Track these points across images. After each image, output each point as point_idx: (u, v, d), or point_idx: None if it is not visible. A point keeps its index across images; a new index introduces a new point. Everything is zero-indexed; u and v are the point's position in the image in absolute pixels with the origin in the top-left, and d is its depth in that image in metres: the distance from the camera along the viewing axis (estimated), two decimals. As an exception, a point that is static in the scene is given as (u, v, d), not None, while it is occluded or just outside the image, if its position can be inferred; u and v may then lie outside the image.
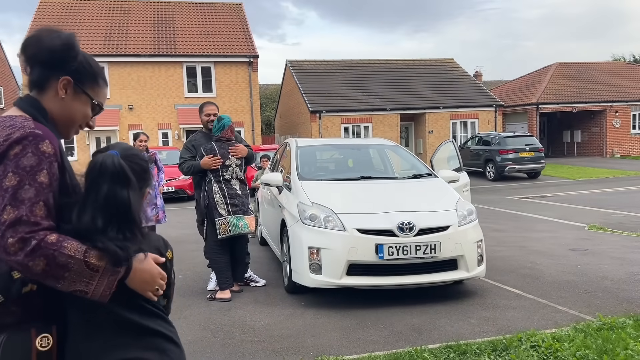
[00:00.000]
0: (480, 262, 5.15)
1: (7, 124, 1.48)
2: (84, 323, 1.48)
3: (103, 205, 1.43)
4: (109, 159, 1.47)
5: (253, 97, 23.85)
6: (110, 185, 1.44)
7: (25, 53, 1.62)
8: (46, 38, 1.64)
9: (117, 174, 1.46)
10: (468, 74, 29.14)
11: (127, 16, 24.61)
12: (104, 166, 1.46)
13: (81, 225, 1.41)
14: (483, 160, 19.81)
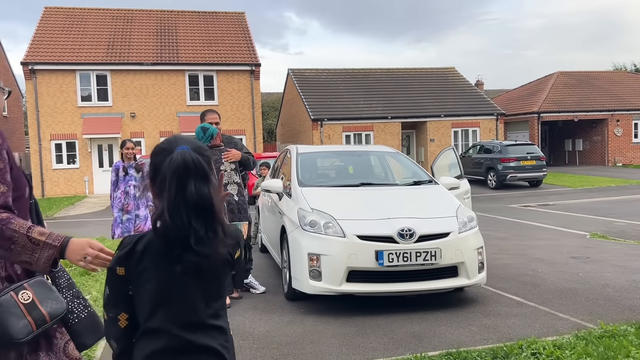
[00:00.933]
0: (481, 269, 5.12)
1: None
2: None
3: (195, 204, 1.42)
4: (187, 156, 1.44)
5: (255, 105, 23.91)
6: (196, 182, 1.43)
7: None
8: None
9: (199, 170, 1.44)
10: (469, 83, 29.20)
11: (130, 25, 24.76)
12: (187, 163, 1.43)
13: (175, 226, 1.41)
14: (484, 169, 19.79)
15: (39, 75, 21.51)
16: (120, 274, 1.52)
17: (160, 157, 1.49)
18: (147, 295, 1.48)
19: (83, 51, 22.48)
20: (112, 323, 1.55)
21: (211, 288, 1.53)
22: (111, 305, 1.55)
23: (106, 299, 1.56)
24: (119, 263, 1.52)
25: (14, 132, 28.42)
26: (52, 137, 21.73)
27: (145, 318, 1.50)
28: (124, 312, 1.53)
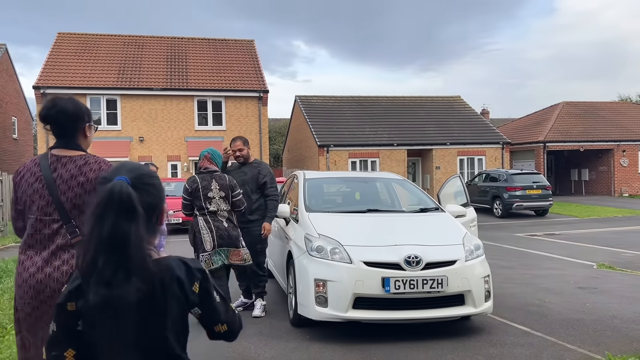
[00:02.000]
0: (488, 298, 5.11)
1: None
2: None
3: (106, 241, 1.34)
4: (117, 188, 1.36)
5: (262, 130, 24.14)
6: (116, 218, 1.34)
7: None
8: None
9: (123, 204, 1.35)
10: (475, 112, 29.41)
11: (141, 51, 25.23)
12: (112, 197, 1.35)
13: (84, 261, 1.36)
14: (490, 197, 19.77)
15: (51, 98, 21.87)
16: (71, 309, 1.44)
17: (100, 188, 1.43)
18: (97, 334, 1.43)
19: (94, 76, 22.88)
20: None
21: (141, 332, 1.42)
22: (55, 343, 1.45)
23: (50, 336, 1.46)
24: (69, 298, 1.44)
25: (23, 155, 28.73)
26: (61, 160, 21.95)
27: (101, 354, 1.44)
28: (71, 349, 1.45)
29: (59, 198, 2.40)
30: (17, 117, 27.85)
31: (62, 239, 2.39)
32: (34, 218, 2.43)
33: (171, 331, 1.46)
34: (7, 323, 5.58)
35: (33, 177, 2.46)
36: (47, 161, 2.46)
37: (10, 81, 26.98)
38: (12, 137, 27.05)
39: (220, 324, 1.55)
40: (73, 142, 2.51)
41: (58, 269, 2.35)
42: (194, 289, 1.49)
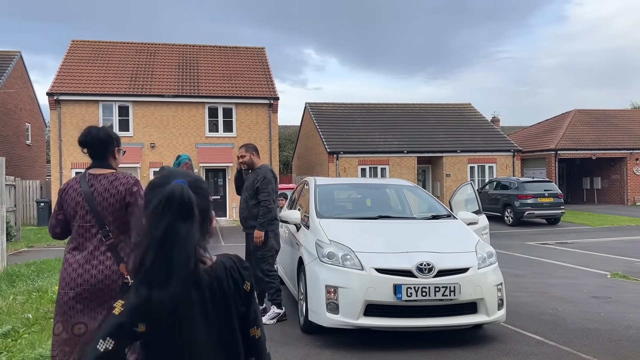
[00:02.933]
0: (501, 306, 5.05)
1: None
2: None
3: (160, 242, 1.34)
4: (178, 190, 1.37)
5: (272, 137, 24.20)
6: (173, 219, 1.34)
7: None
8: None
9: (182, 206, 1.36)
10: (486, 119, 29.29)
11: (153, 58, 25.45)
12: (172, 197, 1.36)
13: (136, 261, 1.36)
14: (501, 205, 19.64)
15: (64, 105, 22.11)
16: (141, 331, 1.40)
17: (153, 192, 1.43)
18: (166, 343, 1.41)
19: (107, 83, 23.10)
20: None
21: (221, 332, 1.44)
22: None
23: (98, 355, 1.35)
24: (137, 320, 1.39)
25: (36, 161, 29.03)
26: (73, 166, 22.14)
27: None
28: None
29: (96, 208, 3.03)
30: (30, 124, 28.17)
31: (97, 242, 3.02)
32: (77, 225, 3.07)
33: (237, 331, 1.49)
34: (20, 327, 5.62)
35: (75, 192, 3.10)
36: (85, 179, 3.11)
37: (25, 88, 27.32)
38: (26, 143, 27.35)
39: (257, 327, 1.55)
40: (105, 162, 3.18)
41: (95, 267, 2.97)
42: (245, 288, 1.51)
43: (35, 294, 7.03)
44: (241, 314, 1.51)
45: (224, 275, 1.47)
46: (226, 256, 1.53)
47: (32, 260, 10.09)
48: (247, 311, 1.52)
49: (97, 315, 2.98)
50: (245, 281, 1.51)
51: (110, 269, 2.99)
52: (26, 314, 6.06)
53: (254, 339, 1.54)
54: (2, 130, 23.88)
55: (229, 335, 1.46)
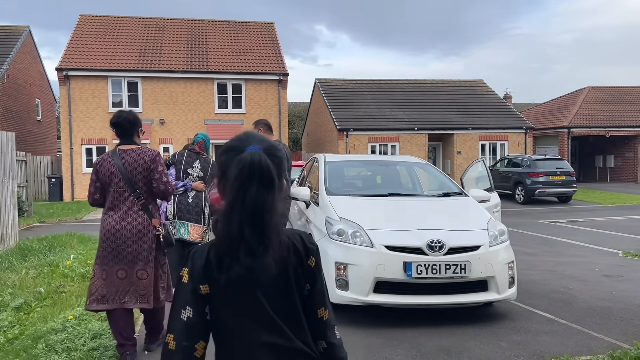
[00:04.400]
0: (512, 284, 5.01)
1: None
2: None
3: (251, 211, 1.30)
4: (256, 157, 1.32)
5: (282, 114, 24.07)
6: (258, 187, 1.30)
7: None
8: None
9: (264, 173, 1.31)
10: (498, 96, 28.88)
11: (162, 33, 25.24)
12: (253, 166, 1.31)
13: (228, 233, 1.31)
14: (512, 183, 19.47)
15: (73, 81, 22.07)
16: (205, 293, 1.37)
17: (228, 156, 1.37)
18: (232, 311, 1.36)
19: (116, 58, 22.98)
20: (186, 353, 1.34)
21: (279, 306, 1.38)
22: (189, 331, 1.35)
23: (183, 324, 1.35)
24: (202, 280, 1.36)
25: (46, 136, 29.15)
26: (83, 142, 22.21)
27: (227, 339, 1.38)
28: (202, 341, 1.37)
29: (127, 176, 3.79)
30: (40, 99, 28.20)
31: (130, 203, 3.81)
32: (113, 190, 3.82)
33: (300, 310, 1.41)
34: (32, 301, 5.67)
35: (109, 164, 3.82)
36: (117, 153, 3.85)
37: (34, 63, 27.27)
38: (36, 119, 27.42)
39: (324, 308, 1.45)
40: (132, 139, 3.94)
41: (130, 223, 3.78)
42: (309, 263, 1.43)
43: (47, 269, 7.09)
44: (306, 292, 1.43)
45: (286, 246, 1.40)
46: (292, 230, 1.47)
47: (44, 235, 10.17)
48: (313, 290, 1.43)
49: (136, 262, 3.77)
50: (310, 256, 1.43)
51: (143, 224, 3.80)
52: (38, 288, 6.12)
53: (322, 320, 1.44)
54: (12, 106, 23.94)
55: (291, 312, 1.39)
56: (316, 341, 1.45)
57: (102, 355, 4.02)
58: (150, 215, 3.84)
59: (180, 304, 1.36)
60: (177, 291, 1.39)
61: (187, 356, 1.34)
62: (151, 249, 3.81)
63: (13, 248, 8.59)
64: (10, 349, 4.26)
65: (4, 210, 8.52)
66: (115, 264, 3.75)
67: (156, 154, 3.89)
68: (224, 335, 1.38)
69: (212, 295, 1.36)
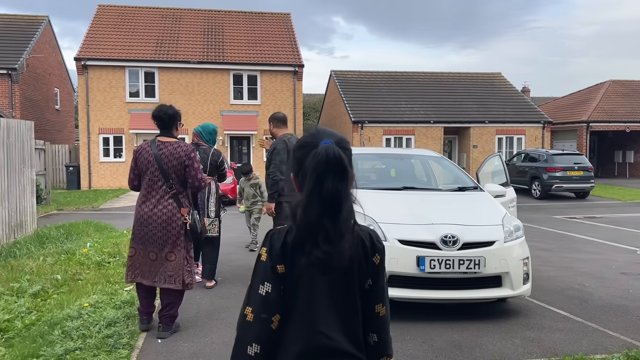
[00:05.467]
0: (526, 281, 4.96)
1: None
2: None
3: (329, 201, 1.37)
4: (331, 151, 1.39)
5: (297, 105, 24.04)
6: (334, 179, 1.38)
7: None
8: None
9: (339, 166, 1.39)
10: (516, 89, 28.52)
11: (179, 24, 25.32)
12: (329, 159, 1.38)
13: (308, 222, 1.39)
14: (529, 178, 19.25)
15: (91, 70, 22.26)
16: (281, 272, 1.45)
17: (304, 151, 1.46)
18: (300, 292, 1.44)
19: (133, 48, 23.12)
20: (263, 325, 1.43)
21: (344, 296, 1.46)
22: (267, 305, 1.44)
23: (262, 298, 1.44)
24: (279, 260, 1.45)
25: (64, 125, 29.50)
26: (101, 131, 22.44)
27: (296, 317, 1.45)
28: (278, 314, 1.45)
29: (163, 167, 4.13)
30: (59, 89, 28.51)
31: (162, 192, 4.18)
32: (148, 178, 4.18)
33: (358, 302, 1.48)
34: (49, 287, 5.77)
35: (147, 154, 4.19)
36: (155, 144, 4.21)
37: (53, 53, 27.55)
38: (55, 108, 27.74)
39: (382, 304, 1.52)
40: (170, 132, 4.31)
41: (161, 210, 4.15)
42: (374, 260, 1.50)
43: (64, 256, 7.20)
44: (367, 287, 1.50)
45: (357, 241, 1.47)
46: (364, 227, 1.54)
47: (62, 222, 10.32)
48: (374, 285, 1.51)
49: (164, 246, 4.15)
50: (376, 254, 1.51)
51: (173, 211, 4.16)
52: (55, 275, 6.21)
53: (378, 315, 1.52)
54: (31, 95, 24.24)
55: (348, 303, 1.46)
56: (367, 333, 1.52)
57: (116, 342, 4.07)
58: (179, 205, 4.19)
59: (259, 280, 1.46)
60: (256, 268, 1.48)
61: (265, 327, 1.43)
62: (179, 235, 4.19)
63: (31, 235, 8.73)
64: (27, 335, 4.34)
65: (22, 198, 8.65)
66: (147, 246, 4.17)
67: (191, 150, 4.21)
68: (290, 313, 1.46)
69: (286, 275, 1.45)
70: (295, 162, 1.49)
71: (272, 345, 1.44)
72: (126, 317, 4.69)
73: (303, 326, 1.43)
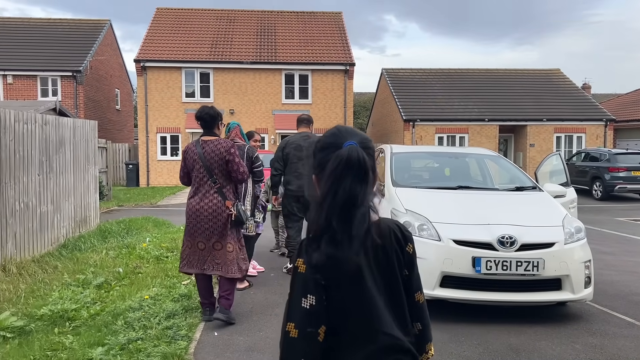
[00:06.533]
0: (588, 284, 4.77)
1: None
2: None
3: (342, 204, 1.36)
4: (354, 153, 1.38)
5: (347, 104, 24.04)
6: (352, 181, 1.37)
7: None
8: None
9: (360, 167, 1.38)
10: (575, 86, 27.37)
11: (233, 25, 25.85)
12: (351, 161, 1.37)
13: (317, 223, 1.39)
14: (589, 178, 18.45)
15: (149, 72, 23.08)
16: (322, 281, 1.40)
17: (326, 153, 1.44)
18: (347, 297, 1.42)
19: (189, 50, 23.80)
20: (310, 339, 1.38)
21: (391, 292, 1.46)
22: (312, 318, 1.38)
23: (306, 312, 1.38)
24: (318, 269, 1.40)
25: (124, 125, 30.74)
26: (158, 130, 23.23)
27: (350, 323, 1.42)
28: (324, 325, 1.40)
29: (206, 164, 4.49)
30: (120, 90, 29.74)
31: (208, 187, 4.52)
32: (194, 175, 4.56)
33: (403, 293, 1.49)
34: (112, 280, 6.04)
35: (192, 153, 4.55)
36: (199, 143, 4.56)
37: (114, 55, 28.76)
38: (116, 108, 28.97)
39: (420, 292, 1.54)
40: (212, 131, 4.64)
41: (207, 204, 4.50)
42: (408, 250, 1.52)
43: (124, 250, 7.51)
44: (404, 277, 1.51)
45: (387, 235, 1.47)
46: (389, 220, 1.54)
47: (122, 218, 10.77)
48: (410, 275, 1.52)
49: (211, 236, 4.50)
50: (409, 243, 1.52)
51: (217, 204, 4.48)
52: (117, 268, 6.50)
53: (419, 303, 1.53)
54: (94, 96, 25.39)
55: (395, 296, 1.47)
56: (413, 323, 1.53)
57: (175, 334, 4.22)
58: (224, 198, 4.52)
59: (299, 293, 1.40)
60: (294, 281, 1.43)
61: (312, 341, 1.38)
62: (225, 226, 4.50)
63: (95, 230, 9.16)
64: (93, 324, 4.57)
65: (87, 194, 9.09)
66: (196, 237, 4.53)
67: (230, 146, 4.52)
68: (339, 321, 1.42)
69: (328, 283, 1.41)
70: (318, 163, 1.46)
71: (321, 358, 1.40)
72: (184, 309, 4.85)
73: (362, 330, 1.41)
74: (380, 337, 1.41)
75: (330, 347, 1.41)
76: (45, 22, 27.16)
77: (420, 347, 1.53)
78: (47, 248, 7.29)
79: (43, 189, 7.27)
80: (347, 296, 1.41)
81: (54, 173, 7.67)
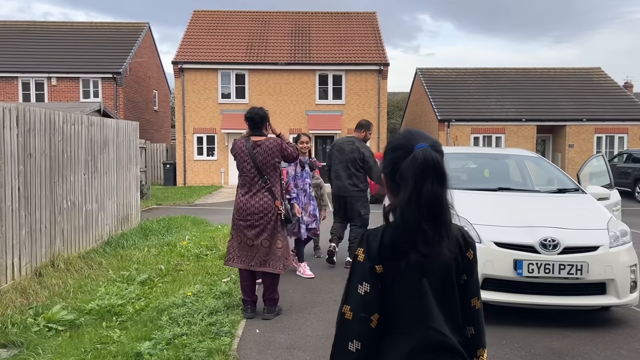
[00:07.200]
0: (634, 289, 4.66)
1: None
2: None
3: (428, 205, 1.41)
4: (429, 155, 1.43)
5: (381, 104, 23.97)
6: (433, 182, 1.42)
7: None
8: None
9: (437, 170, 1.43)
10: (617, 85, 26.56)
11: (267, 26, 26.10)
12: (428, 163, 1.42)
13: (406, 225, 1.42)
14: (632, 180, 17.89)
15: (186, 73, 23.54)
16: (379, 272, 1.47)
17: (398, 154, 1.48)
18: (401, 291, 1.47)
19: (225, 51, 24.16)
20: (362, 323, 1.46)
21: (444, 293, 1.49)
22: (366, 304, 1.46)
23: (360, 298, 1.46)
24: (377, 260, 1.47)
25: (162, 125, 31.42)
26: (195, 131, 23.67)
27: (402, 315, 1.47)
28: (377, 313, 1.47)
29: (258, 164, 4.66)
30: (157, 91, 30.42)
31: (258, 186, 4.70)
32: (245, 175, 4.73)
33: (457, 296, 1.52)
34: (155, 276, 6.21)
35: (242, 152, 4.72)
36: (250, 142, 4.72)
37: (153, 57, 29.44)
38: (154, 109, 29.65)
39: (477, 298, 1.57)
40: (261, 131, 4.80)
41: (257, 202, 4.67)
42: (468, 255, 1.54)
43: (165, 248, 7.71)
44: (462, 281, 1.53)
45: (453, 241, 1.50)
46: (454, 224, 1.56)
47: (161, 216, 11.04)
48: (469, 280, 1.54)
49: (260, 233, 4.65)
50: (470, 249, 1.55)
51: (268, 203, 4.66)
52: (159, 265, 6.68)
53: (475, 309, 1.56)
54: (133, 97, 26.05)
55: (448, 297, 1.50)
56: (465, 327, 1.56)
57: (219, 330, 4.32)
58: (274, 197, 4.68)
59: (357, 280, 1.48)
60: (354, 268, 1.51)
61: (364, 326, 1.46)
62: (276, 224, 4.69)
63: (136, 228, 9.42)
64: (139, 319, 4.72)
65: (129, 193, 9.37)
66: (245, 234, 4.69)
67: (279, 142, 4.75)
68: (393, 312, 1.48)
69: (385, 275, 1.47)
70: (388, 163, 1.51)
71: (373, 343, 1.46)
72: (226, 306, 4.96)
73: (413, 323, 1.45)
74: (430, 332, 1.44)
75: (382, 335, 1.48)
76: (87, 25, 28.01)
77: (472, 351, 1.56)
78: (92, 245, 7.55)
79: (88, 188, 7.54)
80: (402, 289, 1.46)
81: (99, 172, 7.93)
